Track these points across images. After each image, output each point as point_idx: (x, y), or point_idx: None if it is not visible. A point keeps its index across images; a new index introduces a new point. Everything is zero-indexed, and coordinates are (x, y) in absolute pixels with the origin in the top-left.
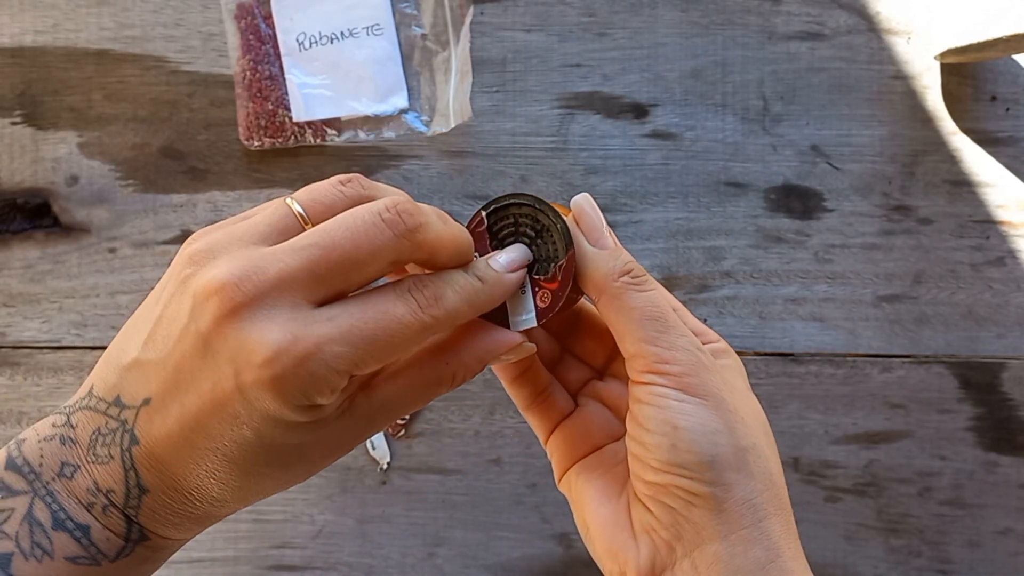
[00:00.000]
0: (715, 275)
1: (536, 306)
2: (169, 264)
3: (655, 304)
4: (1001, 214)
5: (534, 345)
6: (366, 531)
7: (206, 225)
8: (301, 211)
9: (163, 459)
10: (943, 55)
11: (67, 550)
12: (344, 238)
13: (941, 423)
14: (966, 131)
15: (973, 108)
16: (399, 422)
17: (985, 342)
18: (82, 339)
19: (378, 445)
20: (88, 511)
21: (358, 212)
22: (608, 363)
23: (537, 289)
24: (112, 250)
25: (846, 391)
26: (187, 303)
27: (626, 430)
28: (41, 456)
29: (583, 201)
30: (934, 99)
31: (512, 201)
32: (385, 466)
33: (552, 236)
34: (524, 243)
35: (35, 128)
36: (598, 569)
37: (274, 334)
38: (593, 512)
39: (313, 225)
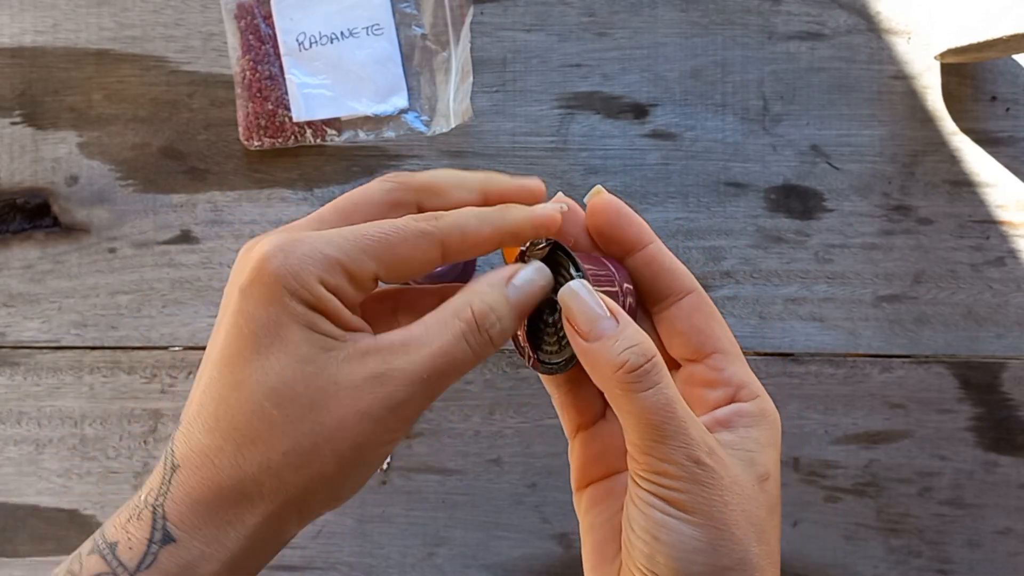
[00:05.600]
0: (715, 275)
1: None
2: (169, 263)
3: (654, 410)
4: (1001, 214)
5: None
6: (366, 531)
7: (206, 225)
8: None
9: (195, 421)
10: (943, 55)
11: (93, 570)
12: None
13: (941, 423)
14: (966, 131)
15: (973, 108)
16: None
17: (985, 342)
18: (82, 339)
19: None
20: (125, 528)
21: None
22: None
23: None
24: (112, 250)
25: (846, 391)
26: None
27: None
28: (115, 520)
29: (567, 296)
30: (934, 99)
31: (554, 245)
32: (385, 466)
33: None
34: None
35: (35, 128)
36: None
37: (270, 243)
38: (588, 573)
39: None
